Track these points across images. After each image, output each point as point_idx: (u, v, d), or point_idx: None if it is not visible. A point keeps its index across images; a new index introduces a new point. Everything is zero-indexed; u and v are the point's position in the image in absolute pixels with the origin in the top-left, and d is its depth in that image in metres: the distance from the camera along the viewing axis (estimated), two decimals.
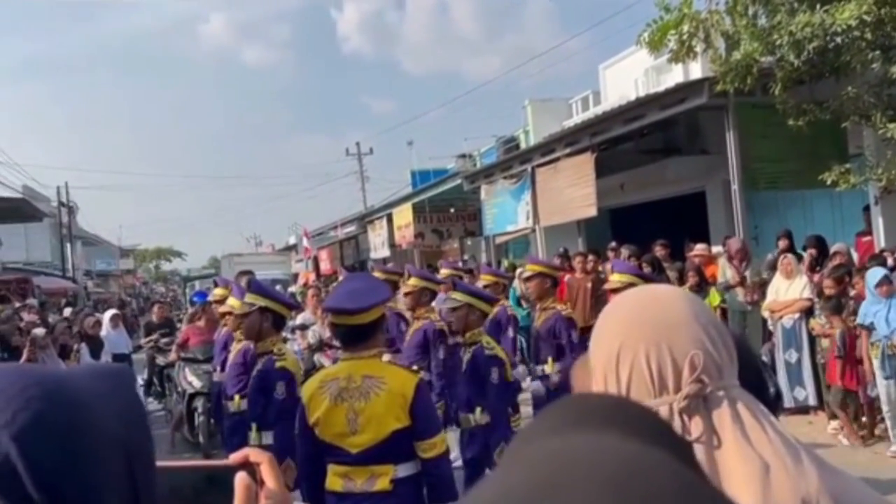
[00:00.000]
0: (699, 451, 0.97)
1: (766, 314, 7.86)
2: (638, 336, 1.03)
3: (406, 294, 6.41)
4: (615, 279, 4.92)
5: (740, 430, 0.98)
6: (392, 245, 20.27)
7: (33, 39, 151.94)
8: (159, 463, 0.70)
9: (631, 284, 4.74)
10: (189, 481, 0.67)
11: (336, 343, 5.78)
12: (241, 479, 0.70)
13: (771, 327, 7.81)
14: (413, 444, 3.10)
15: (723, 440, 0.98)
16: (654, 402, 1.00)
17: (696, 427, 0.99)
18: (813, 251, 8.11)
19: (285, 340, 9.90)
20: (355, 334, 3.15)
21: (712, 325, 1.05)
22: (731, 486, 0.93)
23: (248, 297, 4.40)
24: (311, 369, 7.15)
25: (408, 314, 6.58)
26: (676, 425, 0.99)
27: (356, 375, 3.11)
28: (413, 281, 6.45)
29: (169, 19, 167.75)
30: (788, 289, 7.62)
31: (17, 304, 15.07)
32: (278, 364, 4.32)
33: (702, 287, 8.08)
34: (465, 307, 4.61)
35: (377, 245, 21.41)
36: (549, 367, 5.93)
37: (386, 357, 4.52)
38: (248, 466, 0.72)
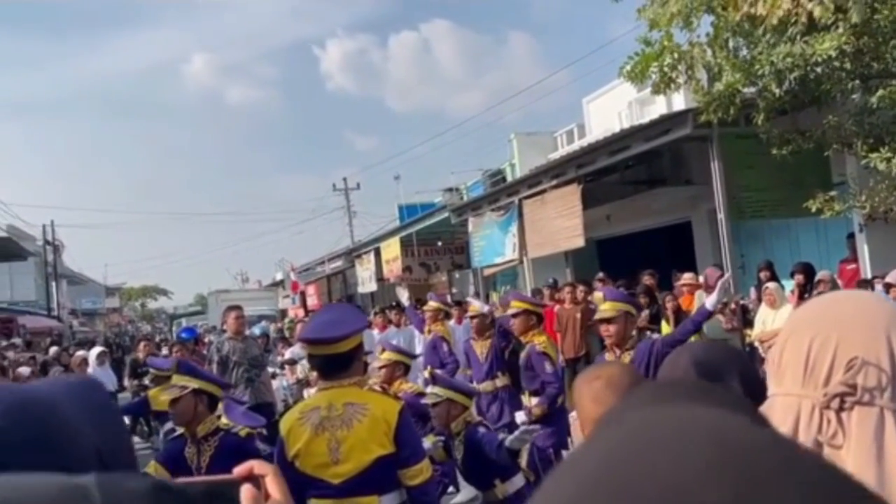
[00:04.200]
0: (823, 453, 0.93)
1: (756, 344, 7.89)
2: (813, 323, 1.00)
3: (380, 368, 6.09)
4: (606, 307, 4.86)
5: (876, 445, 0.93)
6: (380, 279, 20.23)
7: (17, 80, 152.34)
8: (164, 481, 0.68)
9: (627, 313, 4.71)
10: (192, 498, 0.66)
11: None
12: (246, 490, 0.69)
13: (763, 355, 7.83)
14: (397, 472, 3.04)
15: (849, 446, 0.94)
16: (799, 391, 0.97)
17: (830, 428, 0.95)
18: (800, 278, 8.16)
19: (274, 376, 9.85)
20: (334, 364, 3.09)
21: None
22: None
23: (178, 380, 3.96)
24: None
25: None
26: (814, 421, 0.96)
27: (337, 403, 3.04)
28: (386, 355, 6.20)
29: (152, 60, 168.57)
30: (775, 318, 7.66)
31: (3, 343, 14.91)
32: (243, 433, 4.06)
33: (679, 316, 8.13)
34: (445, 402, 4.43)
35: (365, 279, 21.37)
36: (526, 399, 6.37)
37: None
38: (253, 479, 0.71)
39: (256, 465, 0.72)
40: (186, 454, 3.77)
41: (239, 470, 0.71)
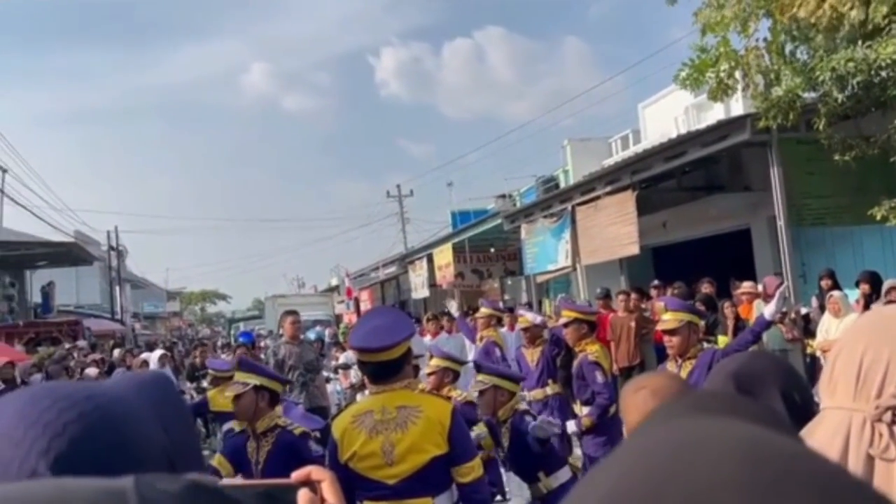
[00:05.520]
0: (875, 466, 0.93)
1: (818, 354, 7.69)
2: (866, 335, 1.00)
3: (429, 374, 6.07)
4: (668, 318, 4.79)
5: None
6: (432, 285, 20.31)
7: (84, 89, 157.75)
8: (222, 482, 0.71)
9: (690, 323, 4.65)
10: (250, 500, 0.68)
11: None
12: (303, 494, 0.71)
13: (824, 364, 7.64)
14: (450, 470, 3.11)
15: None
16: (851, 404, 0.97)
17: (882, 441, 0.95)
18: (866, 287, 7.92)
19: (328, 380, 9.98)
20: (385, 370, 3.15)
21: None
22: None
23: (240, 377, 4.09)
24: None
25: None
26: (865, 435, 0.95)
27: (390, 407, 3.11)
28: (435, 361, 6.18)
29: (212, 69, 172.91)
30: (839, 327, 7.43)
31: (68, 346, 15.42)
32: (297, 432, 4.15)
33: (738, 325, 7.98)
34: (491, 389, 4.50)
35: (418, 285, 21.48)
36: (578, 409, 6.41)
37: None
38: (310, 484, 0.73)
39: (314, 471, 0.74)
40: (248, 448, 3.98)
41: (297, 475, 0.73)
